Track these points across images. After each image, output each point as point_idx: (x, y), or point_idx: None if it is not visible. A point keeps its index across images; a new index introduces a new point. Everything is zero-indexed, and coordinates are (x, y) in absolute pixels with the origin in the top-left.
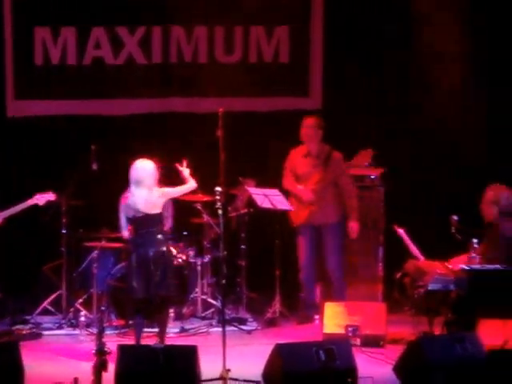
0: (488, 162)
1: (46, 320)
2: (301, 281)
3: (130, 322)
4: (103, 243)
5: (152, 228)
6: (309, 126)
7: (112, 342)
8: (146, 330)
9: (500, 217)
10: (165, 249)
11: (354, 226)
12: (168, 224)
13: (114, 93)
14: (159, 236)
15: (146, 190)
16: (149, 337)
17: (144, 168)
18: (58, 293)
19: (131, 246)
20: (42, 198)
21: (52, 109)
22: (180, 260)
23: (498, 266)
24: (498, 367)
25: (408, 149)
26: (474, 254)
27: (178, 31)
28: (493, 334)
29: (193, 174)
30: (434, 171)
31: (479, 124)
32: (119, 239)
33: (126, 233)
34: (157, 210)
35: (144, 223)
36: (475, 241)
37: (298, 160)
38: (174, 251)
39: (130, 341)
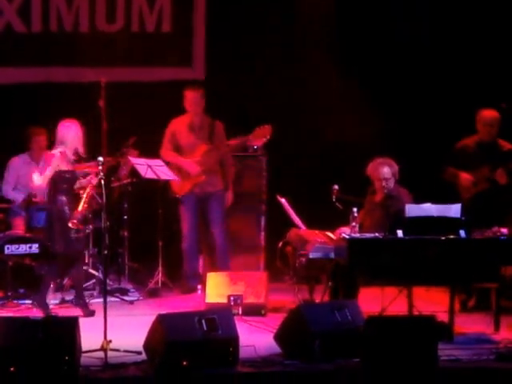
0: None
1: None
2: (184, 251)
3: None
4: None
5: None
6: (195, 97)
7: None
8: (25, 301)
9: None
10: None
11: (230, 196)
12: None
13: None
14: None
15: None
16: (28, 309)
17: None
18: None
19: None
20: None
21: None
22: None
23: (376, 235)
24: (376, 333)
25: (291, 119)
26: (353, 223)
27: None
28: (372, 301)
29: None
30: (315, 140)
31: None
32: None
33: None
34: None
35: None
36: (355, 210)
37: (182, 130)
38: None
39: (7, 312)
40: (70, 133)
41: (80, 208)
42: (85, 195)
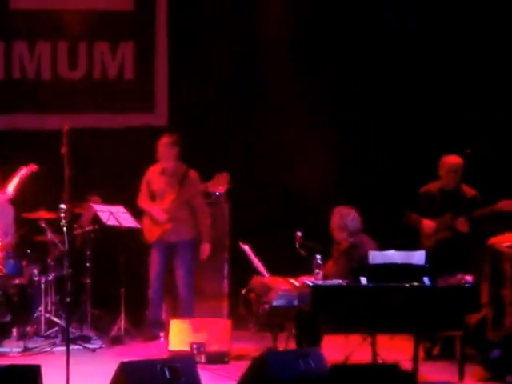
0: (333, 178)
1: None
2: (149, 297)
3: None
4: None
5: None
6: (163, 145)
7: None
8: None
9: (352, 237)
10: None
11: (206, 248)
12: (8, 240)
13: None
14: None
15: None
16: None
17: None
18: None
19: None
20: None
21: None
22: None
23: (340, 282)
24: (340, 382)
25: (252, 165)
26: (317, 270)
27: (21, 46)
28: (336, 349)
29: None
30: (278, 187)
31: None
32: None
33: None
34: None
35: None
36: (318, 257)
37: (155, 177)
38: None
39: None
40: None
41: None
42: None
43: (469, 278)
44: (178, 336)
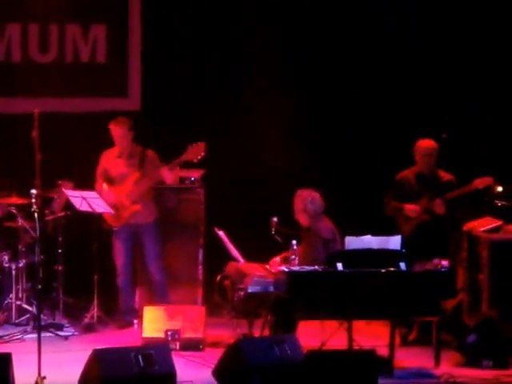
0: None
1: None
2: (119, 285)
3: None
4: None
5: None
6: (119, 131)
7: None
8: None
9: (313, 220)
10: None
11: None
12: None
13: None
14: None
15: None
16: None
17: None
18: None
19: None
20: None
21: None
22: None
23: (316, 268)
24: (316, 368)
25: (228, 151)
26: (293, 256)
27: None
28: (311, 335)
29: None
30: (254, 173)
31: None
32: None
33: None
34: None
35: None
36: (294, 242)
37: (111, 162)
38: None
39: None
40: None
41: None
42: None
43: (445, 262)
44: (152, 323)
